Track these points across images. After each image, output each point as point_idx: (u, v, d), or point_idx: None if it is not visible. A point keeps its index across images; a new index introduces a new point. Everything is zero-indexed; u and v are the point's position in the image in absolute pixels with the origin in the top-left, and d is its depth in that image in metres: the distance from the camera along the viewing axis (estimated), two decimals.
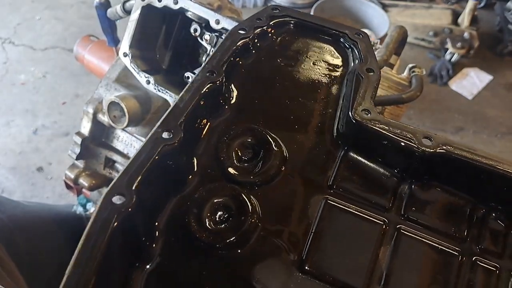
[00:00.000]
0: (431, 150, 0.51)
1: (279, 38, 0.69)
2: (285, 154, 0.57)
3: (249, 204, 0.52)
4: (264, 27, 0.68)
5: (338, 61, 0.68)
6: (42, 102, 2.52)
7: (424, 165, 0.53)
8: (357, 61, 0.65)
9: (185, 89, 0.56)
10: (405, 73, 1.13)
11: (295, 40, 0.69)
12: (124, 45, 0.98)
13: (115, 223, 0.42)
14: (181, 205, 0.52)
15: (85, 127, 1.25)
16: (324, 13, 2.72)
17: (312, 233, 0.51)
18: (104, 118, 1.16)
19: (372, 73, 0.61)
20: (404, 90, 1.09)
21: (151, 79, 0.96)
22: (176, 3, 0.89)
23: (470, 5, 2.71)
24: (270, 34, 0.69)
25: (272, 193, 0.54)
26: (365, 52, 0.64)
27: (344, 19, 2.84)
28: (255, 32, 0.66)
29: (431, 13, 2.92)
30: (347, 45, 0.68)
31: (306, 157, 0.58)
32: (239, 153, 0.57)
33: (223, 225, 0.51)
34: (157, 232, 0.50)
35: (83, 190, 1.41)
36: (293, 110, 0.63)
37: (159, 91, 0.96)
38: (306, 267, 0.49)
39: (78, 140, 1.21)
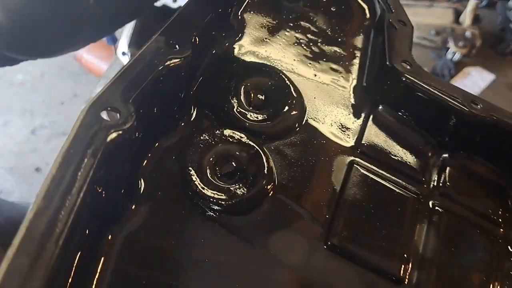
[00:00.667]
0: (480, 115, 0.45)
1: None
2: (304, 105, 0.49)
3: (263, 157, 0.42)
4: None
5: (362, 10, 0.60)
6: (41, 101, 2.50)
7: (467, 131, 0.47)
8: (384, 11, 0.57)
9: None
10: None
11: None
12: (123, 44, 0.96)
13: (104, 148, 0.30)
14: (175, 148, 0.42)
15: None
16: None
17: (338, 202, 0.43)
18: None
19: (405, 26, 0.54)
20: None
21: None
22: (174, 1, 0.87)
23: (471, 4, 2.70)
24: None
25: (288, 149, 0.46)
26: (393, 2, 0.57)
27: None
28: None
29: (433, 12, 2.90)
30: None
31: (328, 111, 0.50)
32: (251, 96, 0.48)
33: (229, 180, 0.41)
34: (141, 179, 0.39)
35: None
36: (314, 55, 0.54)
37: None
38: (333, 242, 0.41)
39: None
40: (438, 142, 0.50)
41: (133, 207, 0.38)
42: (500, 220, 0.46)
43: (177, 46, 0.40)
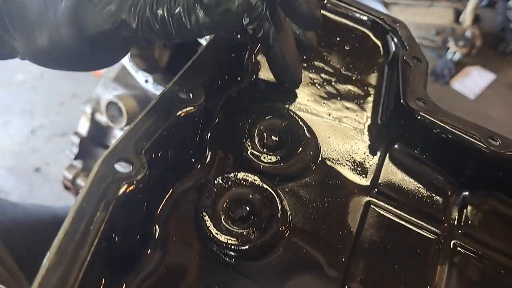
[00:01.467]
0: (499, 152, 0.44)
1: None
2: (319, 145, 0.49)
3: (277, 199, 0.42)
4: None
5: (376, 48, 0.60)
6: (40, 102, 2.50)
7: (487, 169, 0.46)
8: (399, 48, 0.57)
9: (206, 44, 0.46)
10: None
11: (326, 23, 0.60)
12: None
13: (116, 201, 0.30)
14: (190, 192, 0.42)
15: (83, 127, 1.23)
16: None
17: (355, 244, 0.42)
18: (102, 118, 1.14)
19: (420, 62, 0.54)
20: None
21: (150, 78, 0.94)
22: None
23: (472, 3, 2.70)
24: None
25: (303, 190, 0.45)
26: (407, 39, 0.57)
27: None
28: None
29: (433, 12, 2.90)
30: (385, 31, 0.60)
31: (343, 150, 0.50)
32: (265, 137, 0.48)
33: (243, 224, 0.41)
34: (156, 224, 0.39)
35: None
36: (328, 94, 0.54)
37: (158, 90, 0.94)
38: (350, 286, 0.40)
39: (76, 140, 1.20)
40: (457, 180, 0.48)
41: (148, 252, 0.38)
42: None
43: (190, 94, 0.40)
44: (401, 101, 0.48)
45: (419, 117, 0.47)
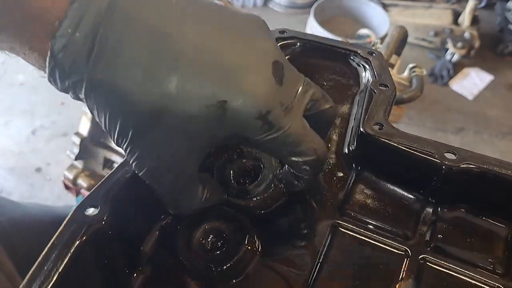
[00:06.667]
0: (456, 166, 0.45)
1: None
2: None
3: (247, 229, 0.47)
4: None
5: (349, 80, 0.64)
6: (41, 102, 2.51)
7: (448, 183, 0.47)
8: (370, 78, 0.60)
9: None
10: (406, 73, 1.12)
11: (302, 61, 0.64)
12: None
13: (84, 237, 0.37)
14: (171, 227, 0.48)
15: (84, 127, 1.24)
16: (324, 12, 2.71)
17: (319, 264, 0.45)
18: None
19: (386, 88, 0.56)
20: (404, 90, 1.08)
21: None
22: None
23: (470, 5, 2.70)
24: None
25: (273, 217, 0.49)
26: (379, 69, 0.59)
27: (344, 19, 2.84)
28: None
29: (432, 13, 2.91)
30: (359, 64, 0.64)
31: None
32: (237, 172, 0.52)
33: (216, 252, 0.45)
34: (142, 258, 0.45)
35: (82, 190, 1.41)
36: None
37: None
38: None
39: (77, 140, 1.21)
40: (423, 196, 0.50)
41: (134, 275, 0.45)
42: (498, 271, 0.44)
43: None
44: (361, 128, 0.50)
45: (376, 141, 0.49)
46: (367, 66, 0.62)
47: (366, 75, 0.62)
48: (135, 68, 0.34)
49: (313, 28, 2.54)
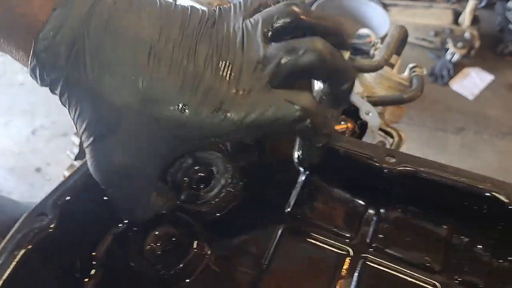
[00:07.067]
0: (395, 169, 0.46)
1: None
2: (241, 181, 0.53)
3: (197, 233, 0.48)
4: None
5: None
6: (41, 102, 2.51)
7: (389, 186, 0.48)
8: (321, 86, 0.62)
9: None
10: (406, 73, 1.12)
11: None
12: None
13: (29, 245, 0.39)
14: (123, 233, 0.49)
15: None
16: (324, 12, 2.71)
17: (265, 264, 0.47)
18: None
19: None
20: (404, 90, 1.07)
21: None
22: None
23: (470, 5, 2.70)
24: None
25: (224, 221, 0.50)
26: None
27: (344, 18, 2.83)
28: None
29: (432, 13, 2.91)
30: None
31: (263, 183, 0.54)
32: (189, 178, 0.53)
33: (167, 256, 0.47)
34: (94, 263, 0.46)
35: None
36: None
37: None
38: None
39: (77, 140, 1.20)
40: (367, 198, 0.51)
41: (87, 280, 0.46)
42: (434, 268, 0.46)
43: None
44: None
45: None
46: None
47: (317, 83, 0.62)
48: (107, 70, 0.36)
49: None
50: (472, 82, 2.79)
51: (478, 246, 0.47)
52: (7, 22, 0.36)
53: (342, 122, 0.93)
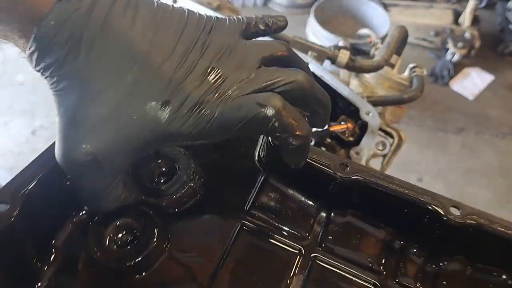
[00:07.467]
0: (348, 177, 0.50)
1: None
2: (203, 178, 0.55)
3: (158, 226, 0.49)
4: None
5: None
6: (41, 102, 2.51)
7: (341, 192, 0.52)
8: None
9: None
10: (406, 73, 1.12)
11: None
12: None
13: None
14: (84, 222, 0.49)
15: None
16: (324, 12, 2.71)
17: (222, 259, 0.49)
18: None
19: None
20: (405, 90, 1.07)
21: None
22: (174, 2, 0.88)
23: (471, 5, 2.70)
24: None
25: (184, 216, 0.52)
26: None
27: (344, 19, 2.83)
28: None
29: (432, 13, 2.91)
30: None
31: (224, 181, 0.56)
32: (152, 173, 0.54)
33: (127, 247, 0.47)
34: (53, 251, 0.47)
35: None
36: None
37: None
38: None
39: None
40: (320, 202, 0.55)
41: (45, 269, 0.46)
42: (375, 268, 0.50)
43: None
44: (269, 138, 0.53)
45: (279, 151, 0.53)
46: None
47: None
48: (99, 62, 0.39)
49: (313, 28, 2.54)
50: (473, 82, 2.79)
51: (414, 251, 0.52)
52: (17, 16, 0.38)
53: (342, 122, 0.93)
